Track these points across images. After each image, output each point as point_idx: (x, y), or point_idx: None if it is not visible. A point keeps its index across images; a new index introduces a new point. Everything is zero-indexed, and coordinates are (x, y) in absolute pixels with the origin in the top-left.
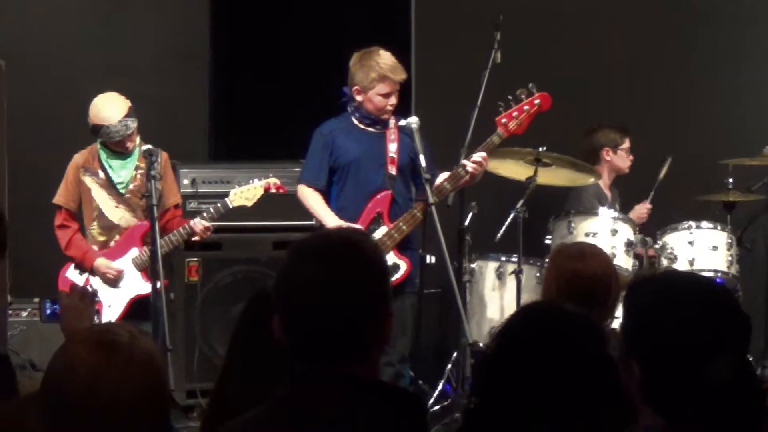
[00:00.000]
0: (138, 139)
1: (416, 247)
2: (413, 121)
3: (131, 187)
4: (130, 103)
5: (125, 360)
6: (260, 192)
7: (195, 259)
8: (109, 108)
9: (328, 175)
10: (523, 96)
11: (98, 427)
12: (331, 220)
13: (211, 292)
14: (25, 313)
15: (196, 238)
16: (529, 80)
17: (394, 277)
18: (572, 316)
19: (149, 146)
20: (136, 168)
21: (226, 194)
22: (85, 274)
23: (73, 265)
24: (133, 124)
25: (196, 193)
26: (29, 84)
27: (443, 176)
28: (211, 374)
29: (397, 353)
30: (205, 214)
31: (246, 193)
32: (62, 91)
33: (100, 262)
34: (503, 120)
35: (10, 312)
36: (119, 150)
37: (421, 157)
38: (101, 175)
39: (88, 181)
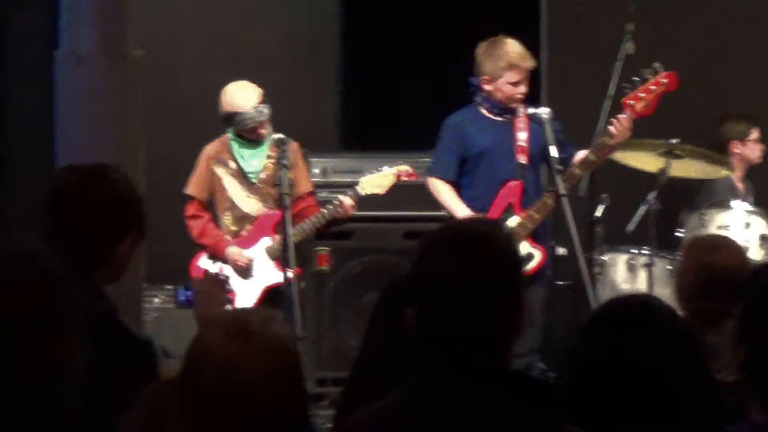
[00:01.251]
0: (270, 128)
1: (547, 238)
2: (544, 111)
3: (263, 176)
4: (262, 91)
5: (259, 345)
6: (392, 180)
7: (325, 248)
8: (243, 94)
9: (458, 166)
10: (649, 76)
11: (235, 413)
12: (462, 211)
13: (341, 281)
14: (158, 300)
15: (328, 226)
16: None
17: (529, 266)
18: (655, 307)
19: (280, 135)
20: (268, 157)
21: (357, 182)
22: (218, 263)
23: (206, 254)
24: (267, 110)
25: (327, 182)
26: (161, 76)
27: (579, 155)
28: (340, 363)
29: (527, 344)
30: (335, 201)
31: (377, 180)
32: (193, 83)
33: (233, 250)
34: (630, 101)
35: (143, 298)
36: (252, 138)
37: (552, 148)
38: (233, 165)
39: (220, 171)
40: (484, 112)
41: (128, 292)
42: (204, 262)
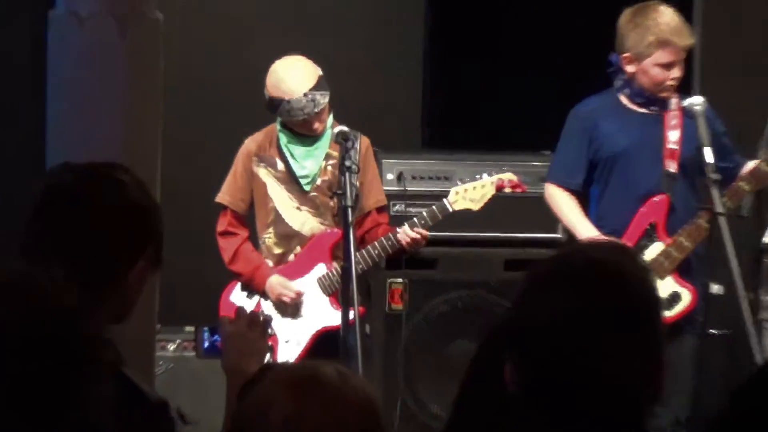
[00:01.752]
0: (330, 119)
1: (699, 273)
2: (697, 102)
3: (319, 182)
4: (320, 71)
5: (336, 404)
6: (490, 191)
7: (400, 280)
8: (294, 77)
9: (586, 171)
10: None
11: None
12: (586, 231)
13: (420, 325)
14: (173, 346)
15: (404, 251)
16: None
17: (673, 311)
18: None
19: (344, 128)
20: (327, 157)
21: (445, 194)
22: (256, 297)
23: (239, 285)
24: (323, 98)
25: (404, 192)
26: (187, 47)
27: (748, 166)
28: None
29: (670, 414)
30: (415, 220)
31: (471, 192)
32: (230, 56)
33: (276, 281)
34: None
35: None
36: (304, 132)
37: (707, 151)
38: (280, 166)
39: (263, 173)
40: (624, 100)
41: (137, 336)
42: (237, 296)
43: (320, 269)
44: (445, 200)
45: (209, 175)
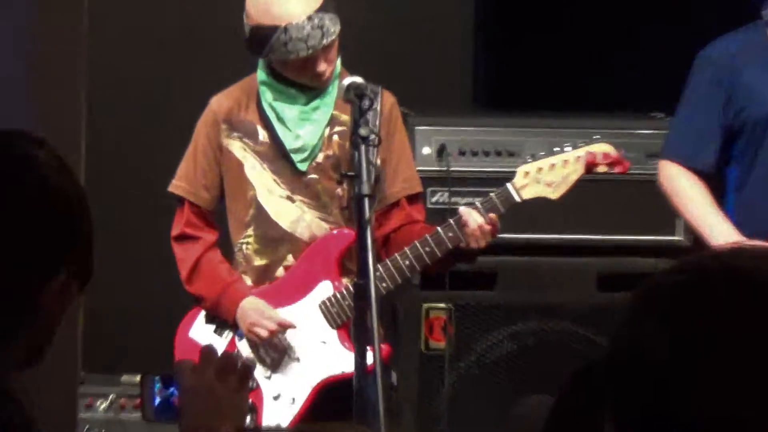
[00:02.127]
0: (338, 65)
1: None
2: None
3: (320, 159)
4: None
5: None
6: (577, 171)
7: (442, 306)
8: None
9: (721, 143)
10: None
11: None
12: (720, 232)
13: (471, 371)
14: (105, 404)
15: (453, 259)
16: None
17: None
18: None
19: (357, 79)
20: (332, 122)
21: (509, 176)
22: (229, 332)
23: (203, 315)
24: (333, 25)
25: (448, 174)
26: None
27: None
28: None
29: None
30: (465, 211)
31: (548, 173)
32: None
33: (249, 306)
34: None
35: (79, 399)
36: (302, 81)
37: None
38: (262, 135)
39: (237, 148)
40: None
41: (52, 388)
42: (201, 331)
43: (323, 289)
44: (509, 185)
45: (154, 155)
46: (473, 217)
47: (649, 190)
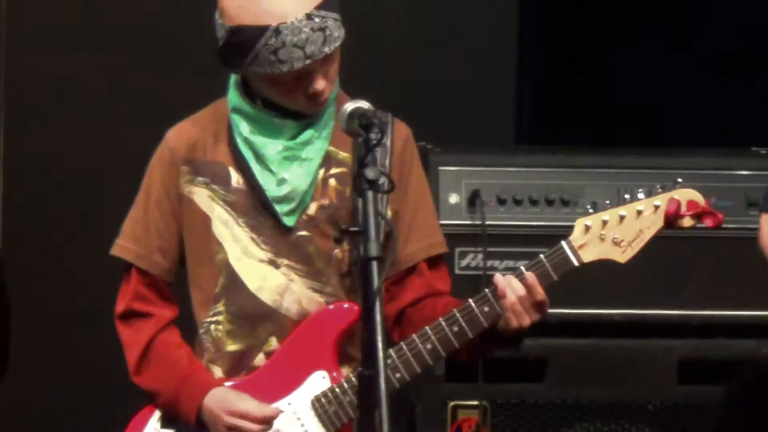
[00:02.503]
0: (337, 86)
1: None
2: None
3: (312, 210)
4: None
5: None
6: (655, 225)
7: (475, 404)
8: None
9: None
10: None
11: None
12: None
13: None
14: None
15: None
16: None
17: None
18: None
19: (362, 104)
20: (327, 161)
21: (566, 231)
22: None
23: (155, 416)
24: (338, 29)
25: (482, 228)
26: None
27: None
28: None
29: None
30: (506, 279)
31: (615, 227)
32: None
33: (218, 399)
34: None
35: None
36: (292, 105)
37: None
38: (236, 180)
39: (202, 196)
40: None
41: None
42: None
43: (317, 382)
44: (564, 243)
45: (90, 202)
46: (512, 287)
47: (750, 250)
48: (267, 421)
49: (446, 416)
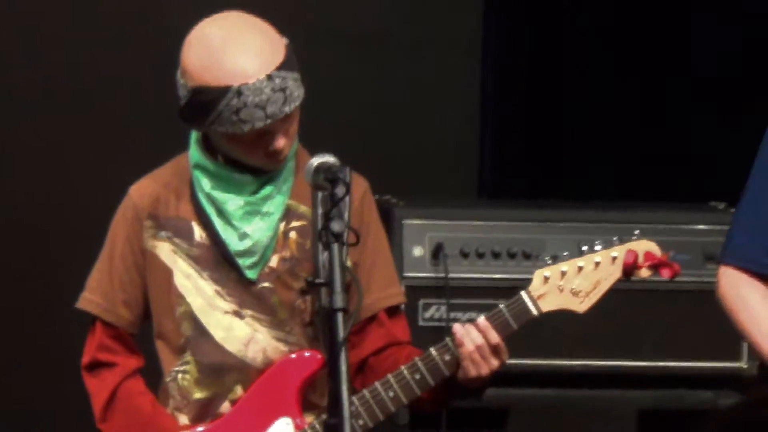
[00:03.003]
0: (296, 141)
1: None
2: None
3: (274, 263)
4: (285, 40)
5: None
6: (612, 276)
7: None
8: (246, 46)
9: None
10: None
11: None
12: None
13: None
14: None
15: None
16: None
17: None
18: None
19: (327, 158)
20: (288, 214)
21: (523, 283)
22: None
23: None
24: (297, 88)
25: (446, 281)
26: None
27: None
28: None
29: None
30: (466, 329)
31: (574, 278)
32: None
33: None
34: None
35: None
36: (252, 161)
37: None
38: (198, 235)
39: (166, 252)
40: None
41: None
42: None
43: (281, 428)
44: (524, 294)
45: (52, 251)
46: (471, 336)
47: (707, 302)
48: None
49: None
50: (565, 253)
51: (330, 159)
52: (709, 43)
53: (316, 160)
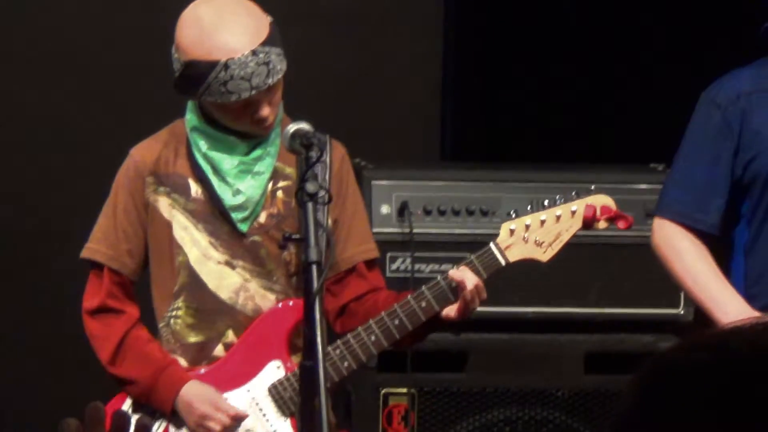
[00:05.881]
0: (281, 110)
1: None
2: None
3: (263, 218)
4: (269, 18)
5: None
6: (573, 227)
7: (403, 391)
8: (232, 23)
9: (727, 200)
10: None
11: None
12: (729, 303)
13: None
14: None
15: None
16: None
17: None
18: None
19: (303, 125)
20: (275, 175)
21: (481, 238)
22: (160, 423)
23: (129, 403)
24: (280, 62)
25: (410, 236)
26: None
27: None
28: None
29: None
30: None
31: (538, 230)
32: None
33: (196, 394)
34: None
35: None
36: (240, 127)
37: None
38: (195, 190)
39: (165, 205)
40: None
41: None
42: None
43: (273, 371)
44: (492, 245)
45: (56, 212)
46: (469, 277)
47: (647, 255)
48: (237, 419)
49: (379, 403)
50: (528, 207)
51: (305, 125)
52: (658, 17)
53: (292, 127)
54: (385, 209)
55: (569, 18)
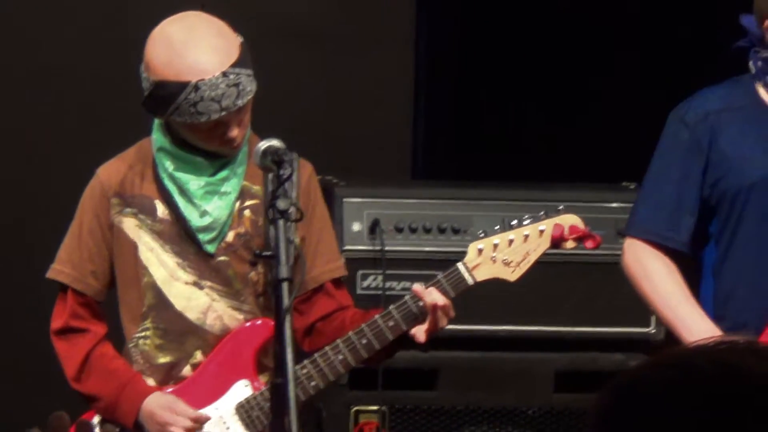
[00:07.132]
0: (248, 129)
1: None
2: None
3: (230, 238)
4: (240, 38)
5: None
6: (540, 247)
7: (374, 408)
8: (203, 44)
9: (697, 218)
10: None
11: None
12: (697, 325)
13: None
14: None
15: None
16: None
17: None
18: None
19: (273, 142)
20: (243, 194)
21: (451, 256)
22: None
23: (96, 420)
24: (250, 83)
25: (382, 253)
26: None
27: None
28: None
29: None
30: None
31: (506, 250)
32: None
33: (157, 403)
34: None
35: None
36: (209, 147)
37: None
38: (161, 211)
39: (131, 226)
40: (763, 95)
41: None
42: None
43: (240, 390)
44: (460, 265)
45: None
46: (436, 297)
47: (619, 273)
48: (198, 421)
49: (349, 420)
50: (496, 227)
51: (276, 143)
52: (630, 37)
53: (263, 144)
54: (356, 227)
55: (540, 38)
